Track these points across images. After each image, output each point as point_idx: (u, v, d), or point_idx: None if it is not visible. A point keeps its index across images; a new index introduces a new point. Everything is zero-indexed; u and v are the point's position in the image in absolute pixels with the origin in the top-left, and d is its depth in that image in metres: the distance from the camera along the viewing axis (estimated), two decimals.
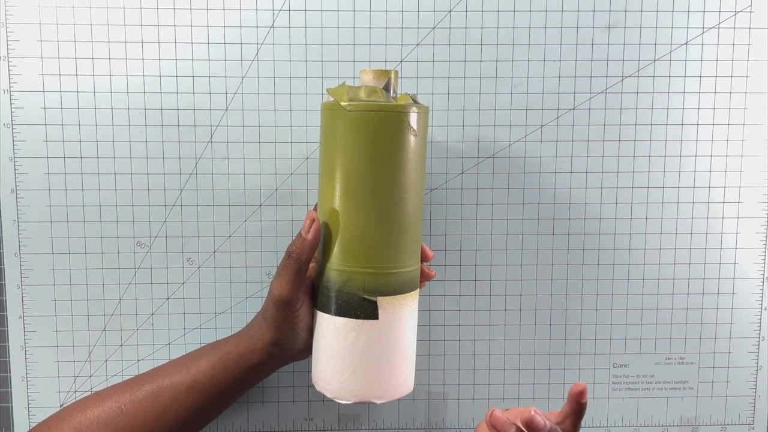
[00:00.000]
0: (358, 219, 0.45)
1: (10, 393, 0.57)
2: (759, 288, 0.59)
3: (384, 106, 0.44)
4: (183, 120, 0.56)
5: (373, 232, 0.45)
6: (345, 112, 0.44)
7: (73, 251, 0.56)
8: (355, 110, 0.44)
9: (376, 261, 0.45)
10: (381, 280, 0.45)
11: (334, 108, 0.45)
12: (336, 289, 0.46)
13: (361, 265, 0.45)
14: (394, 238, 0.45)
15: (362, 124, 0.44)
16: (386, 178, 0.45)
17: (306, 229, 0.46)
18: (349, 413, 0.59)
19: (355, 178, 0.45)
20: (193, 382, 0.49)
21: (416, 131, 0.45)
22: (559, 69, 0.56)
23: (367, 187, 0.45)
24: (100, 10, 0.54)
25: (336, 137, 0.45)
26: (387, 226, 0.45)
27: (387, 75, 0.46)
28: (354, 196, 0.45)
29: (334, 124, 0.45)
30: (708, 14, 0.56)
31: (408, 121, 0.44)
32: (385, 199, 0.45)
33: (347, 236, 0.45)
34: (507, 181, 0.57)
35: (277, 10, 0.55)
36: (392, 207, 0.45)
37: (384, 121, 0.44)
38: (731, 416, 0.61)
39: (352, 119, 0.44)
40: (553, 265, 0.58)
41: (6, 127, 0.55)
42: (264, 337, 0.49)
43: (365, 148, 0.44)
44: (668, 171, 0.58)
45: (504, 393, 0.60)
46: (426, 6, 0.55)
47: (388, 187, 0.45)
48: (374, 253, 0.45)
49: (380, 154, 0.44)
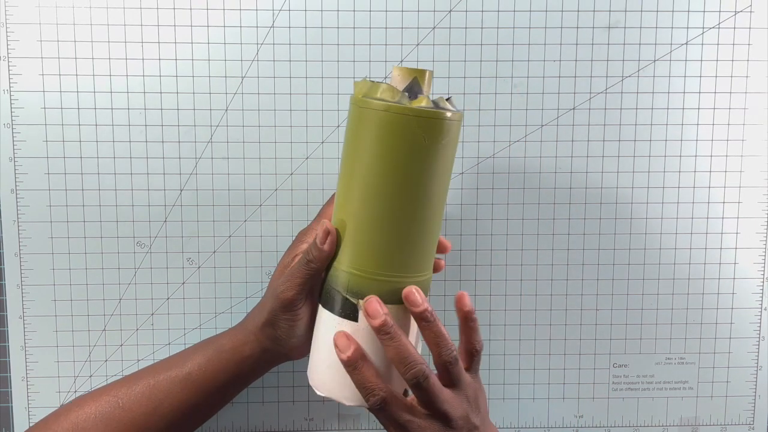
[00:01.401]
0: (356, 219, 0.44)
1: (10, 393, 0.57)
2: (759, 288, 0.59)
3: (390, 106, 0.41)
4: (183, 120, 0.56)
5: (365, 235, 0.44)
6: (356, 107, 0.43)
7: (73, 251, 0.56)
8: (365, 107, 0.42)
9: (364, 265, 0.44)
10: (370, 285, 0.44)
11: (351, 102, 0.44)
12: (335, 287, 0.45)
13: (351, 266, 0.44)
14: (385, 246, 0.43)
15: (369, 121, 0.42)
16: (388, 181, 0.42)
17: (321, 240, 0.44)
18: (349, 413, 0.59)
19: (360, 177, 0.43)
20: (188, 375, 0.49)
21: (427, 137, 0.41)
22: (559, 69, 0.56)
23: (369, 187, 0.43)
24: (100, 10, 0.54)
25: (348, 129, 0.44)
26: (382, 231, 0.43)
27: (412, 74, 0.43)
28: (359, 196, 0.44)
29: (349, 117, 0.44)
30: (708, 14, 0.56)
31: (414, 125, 0.41)
32: (386, 203, 0.43)
33: (345, 236, 0.45)
34: (507, 181, 0.57)
35: (277, 10, 0.55)
36: (394, 211, 0.43)
37: (387, 121, 0.41)
38: (731, 416, 0.61)
39: (362, 115, 0.42)
40: (553, 265, 0.58)
41: (6, 127, 0.55)
42: (258, 330, 0.49)
43: (371, 147, 0.42)
44: (668, 171, 0.58)
45: (504, 393, 0.60)
46: (426, 6, 0.55)
47: (388, 190, 0.43)
48: (362, 255, 0.44)
49: (382, 155, 0.42)
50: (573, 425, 0.60)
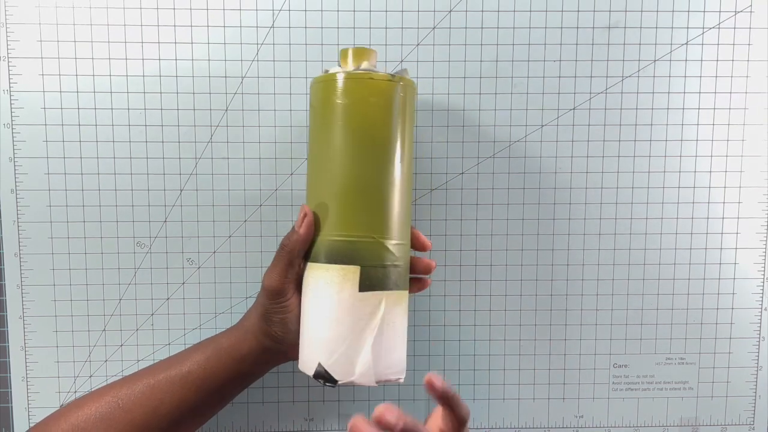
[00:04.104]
0: (331, 186, 0.46)
1: (10, 393, 0.57)
2: (759, 288, 0.59)
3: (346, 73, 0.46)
4: (183, 120, 0.56)
5: (343, 199, 0.46)
6: (319, 83, 0.47)
7: (73, 251, 0.56)
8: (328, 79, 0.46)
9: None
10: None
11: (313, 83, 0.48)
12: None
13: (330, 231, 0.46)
14: (359, 206, 0.46)
15: (332, 91, 0.46)
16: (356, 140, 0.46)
17: (299, 224, 0.46)
18: (350, 413, 0.59)
19: (331, 147, 0.46)
20: (188, 374, 0.49)
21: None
22: (559, 69, 0.56)
23: (340, 151, 0.46)
24: (100, 10, 0.54)
25: (314, 111, 0.48)
26: (359, 191, 0.46)
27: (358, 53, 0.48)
28: (332, 164, 0.46)
29: (313, 96, 0.48)
30: (708, 14, 0.56)
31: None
32: (357, 163, 0.46)
33: (323, 210, 0.47)
34: (507, 182, 0.57)
35: (277, 10, 0.55)
36: (365, 170, 0.46)
37: (343, 86, 0.46)
38: (731, 416, 0.60)
39: (325, 88, 0.47)
40: (554, 265, 0.58)
41: (6, 127, 0.55)
42: (255, 328, 0.49)
43: (336, 114, 0.46)
44: (668, 171, 0.58)
45: (504, 393, 0.60)
46: (426, 6, 0.55)
47: (358, 150, 0.46)
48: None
49: (348, 117, 0.46)
50: (573, 425, 0.60)
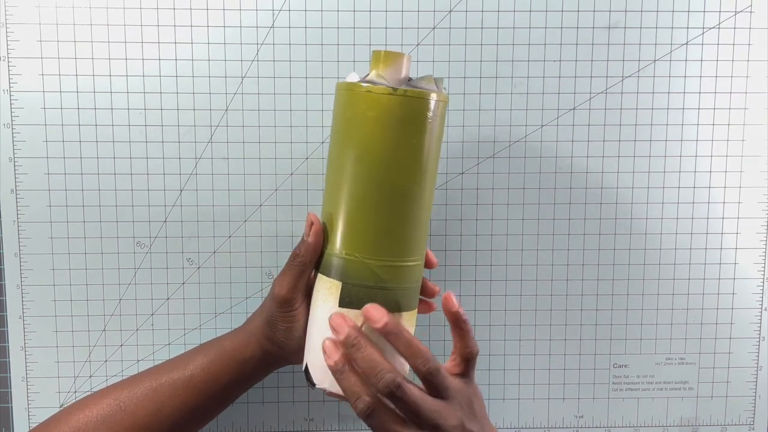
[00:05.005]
0: (347, 202, 0.44)
1: (10, 393, 0.57)
2: (759, 288, 0.59)
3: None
4: (183, 120, 0.56)
5: (357, 216, 0.44)
6: (347, 92, 0.44)
7: (73, 251, 0.56)
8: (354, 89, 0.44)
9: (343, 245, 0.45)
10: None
11: (340, 89, 0.45)
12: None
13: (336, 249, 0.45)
14: (374, 227, 0.44)
15: (363, 104, 0.43)
16: (379, 157, 0.43)
17: (306, 232, 0.46)
18: (350, 413, 0.59)
19: (352, 158, 0.44)
20: (191, 377, 0.49)
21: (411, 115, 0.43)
22: (559, 69, 0.56)
23: (361, 166, 0.44)
24: (100, 10, 0.54)
25: (339, 117, 0.45)
26: (374, 211, 0.44)
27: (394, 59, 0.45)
28: (351, 178, 0.44)
29: (338, 103, 0.45)
30: (708, 14, 0.56)
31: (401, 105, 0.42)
32: (376, 183, 0.43)
33: (335, 224, 0.45)
34: (507, 182, 0.57)
35: (277, 10, 0.55)
36: (384, 190, 0.43)
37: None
38: (731, 416, 0.60)
39: (352, 99, 0.44)
40: (554, 265, 0.58)
41: (6, 127, 0.55)
42: (258, 332, 0.49)
43: (363, 128, 0.43)
44: (668, 171, 0.58)
45: (504, 393, 0.60)
46: (426, 6, 0.55)
47: (380, 169, 0.43)
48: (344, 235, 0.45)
49: (375, 133, 0.43)
50: (573, 425, 0.60)
